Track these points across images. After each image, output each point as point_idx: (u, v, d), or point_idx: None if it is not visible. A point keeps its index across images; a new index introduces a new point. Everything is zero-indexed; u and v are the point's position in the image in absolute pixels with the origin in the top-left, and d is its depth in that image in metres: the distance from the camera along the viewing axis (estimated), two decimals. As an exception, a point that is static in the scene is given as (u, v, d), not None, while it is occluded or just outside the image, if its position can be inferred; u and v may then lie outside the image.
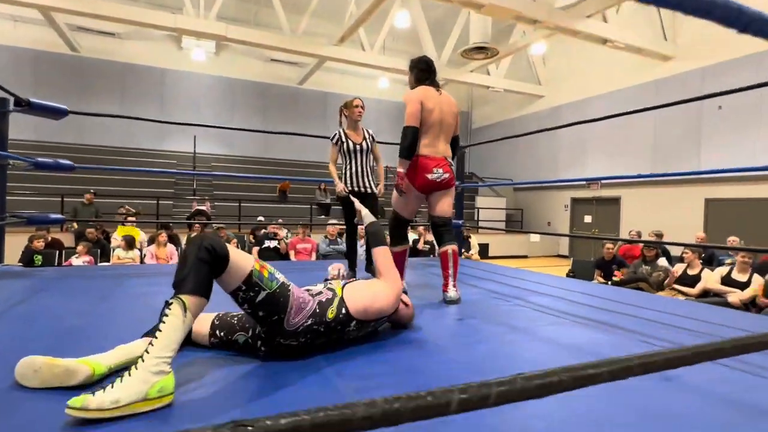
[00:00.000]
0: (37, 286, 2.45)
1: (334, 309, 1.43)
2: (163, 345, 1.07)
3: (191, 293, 1.13)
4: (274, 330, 1.33)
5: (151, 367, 1.03)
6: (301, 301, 1.36)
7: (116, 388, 0.99)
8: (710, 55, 9.36)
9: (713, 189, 9.22)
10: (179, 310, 1.10)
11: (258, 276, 1.26)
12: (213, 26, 9.66)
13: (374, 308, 1.54)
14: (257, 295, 1.26)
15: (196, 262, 1.16)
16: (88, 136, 12.11)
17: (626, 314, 2.21)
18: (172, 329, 1.09)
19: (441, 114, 2.53)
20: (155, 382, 1.03)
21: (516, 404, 0.59)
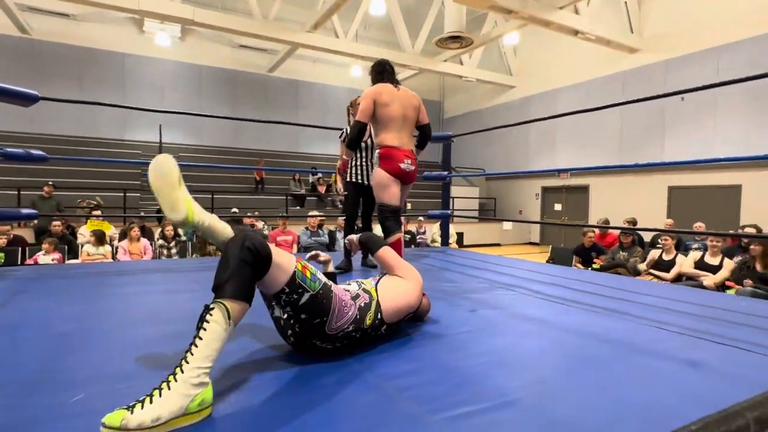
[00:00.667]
0: (12, 287, 2.27)
1: (371, 315, 1.39)
2: (204, 355, 0.98)
3: (234, 298, 1.04)
4: (313, 332, 1.26)
5: (192, 379, 0.95)
6: (343, 305, 1.30)
7: (155, 403, 0.90)
8: (673, 48, 9.74)
9: (676, 177, 9.66)
10: (222, 317, 1.01)
11: (301, 277, 1.19)
12: (179, 9, 9.18)
13: (404, 309, 1.52)
14: (301, 297, 1.19)
15: (239, 263, 1.06)
16: (42, 124, 11.37)
17: (626, 300, 2.27)
18: (214, 338, 0.99)
19: (402, 108, 2.69)
20: (195, 395, 0.95)
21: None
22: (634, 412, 1.04)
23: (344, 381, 1.19)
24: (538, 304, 2.18)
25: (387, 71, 2.79)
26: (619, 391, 1.15)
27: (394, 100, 2.66)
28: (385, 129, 2.67)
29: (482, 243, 12.72)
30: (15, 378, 1.15)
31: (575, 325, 1.77)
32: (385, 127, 2.66)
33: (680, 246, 6.27)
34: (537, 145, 13.27)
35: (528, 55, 13.64)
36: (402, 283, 1.59)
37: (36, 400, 1.04)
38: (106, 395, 1.08)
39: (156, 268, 3.13)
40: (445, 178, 4.46)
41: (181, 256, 5.89)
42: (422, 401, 1.08)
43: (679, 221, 8.40)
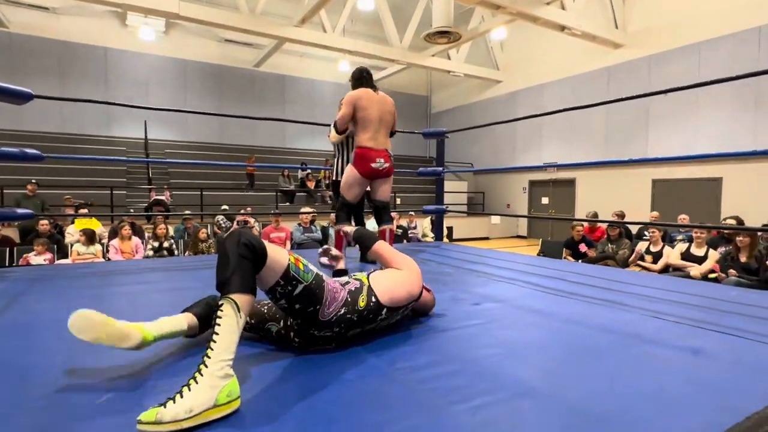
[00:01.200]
0: (13, 289, 2.25)
1: (364, 297, 1.42)
2: (224, 347, 1.03)
3: (240, 291, 1.09)
4: (308, 322, 1.31)
5: (217, 371, 0.99)
6: (335, 291, 1.35)
7: (186, 397, 0.94)
8: (656, 43, 9.93)
9: (659, 170, 9.88)
10: (232, 310, 1.07)
11: (295, 269, 1.24)
12: (164, 3, 9.01)
13: (402, 294, 1.54)
14: (295, 288, 1.23)
15: (239, 259, 1.11)
16: (24, 121, 11.08)
17: (621, 291, 2.35)
18: (229, 331, 1.05)
19: (380, 112, 2.91)
20: (223, 386, 0.99)
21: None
22: (645, 398, 1.10)
23: (366, 375, 1.23)
24: (538, 296, 2.24)
25: (365, 77, 3.01)
26: (629, 379, 1.21)
27: (372, 104, 2.88)
28: (364, 130, 2.88)
29: (471, 237, 12.85)
30: (43, 380, 1.16)
31: (577, 317, 1.84)
32: (364, 129, 2.87)
33: (665, 238, 6.45)
34: (524, 140, 13.42)
35: (515, 50, 13.76)
36: (395, 272, 1.62)
37: (66, 400, 1.06)
38: (132, 394, 1.10)
39: (154, 266, 3.12)
40: (440, 174, 4.50)
41: (171, 254, 5.85)
42: (443, 392, 1.13)
43: (663, 213, 8.62)
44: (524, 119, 3.67)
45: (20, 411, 1.00)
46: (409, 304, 1.59)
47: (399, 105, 12.32)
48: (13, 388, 1.11)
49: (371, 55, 11.99)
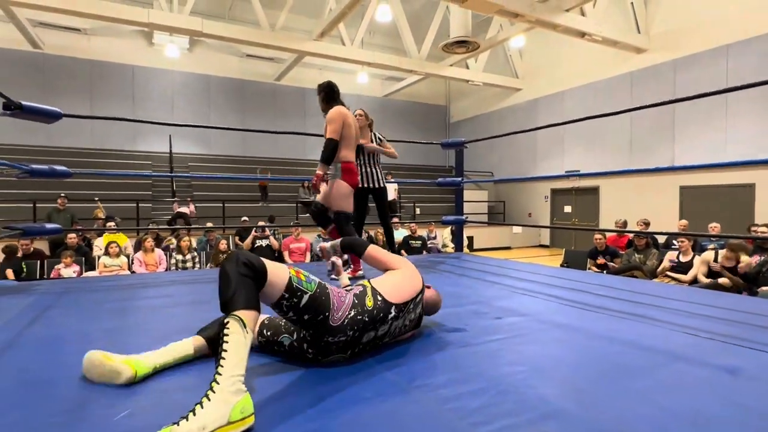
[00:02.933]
0: (42, 302, 2.30)
1: (370, 297, 1.42)
2: (234, 363, 1.03)
3: (244, 308, 1.11)
4: (321, 330, 1.30)
5: (229, 387, 0.99)
6: (340, 296, 1.36)
7: (199, 414, 0.93)
8: (681, 46, 9.70)
9: (688, 177, 9.57)
10: (238, 327, 1.07)
11: (297, 281, 1.25)
12: (188, 21, 9.32)
13: (406, 288, 1.53)
14: (300, 300, 1.24)
15: (240, 278, 1.14)
16: (57, 137, 11.52)
17: (650, 305, 2.25)
18: (237, 346, 1.05)
19: (356, 129, 3.05)
20: (236, 402, 0.98)
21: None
22: (680, 421, 1.04)
23: (384, 393, 1.19)
24: (563, 310, 2.17)
25: (337, 93, 3.11)
26: (661, 400, 1.15)
27: (352, 121, 3.02)
28: (347, 146, 2.96)
29: (492, 246, 12.68)
30: (64, 394, 1.17)
31: (605, 332, 1.77)
32: (347, 145, 2.96)
33: (696, 247, 6.22)
34: (545, 147, 13.23)
35: (534, 57, 13.64)
36: (395, 271, 1.63)
37: (85, 416, 1.06)
38: (151, 410, 1.09)
39: (177, 280, 3.16)
40: (459, 184, 4.46)
41: (194, 267, 5.94)
42: (465, 413, 1.09)
43: (692, 221, 8.32)
44: (544, 128, 3.60)
45: (40, 425, 1.01)
46: (416, 298, 1.57)
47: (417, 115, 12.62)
48: (34, 403, 1.12)
49: (389, 66, 12.07)
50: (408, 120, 16.44)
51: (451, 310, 2.13)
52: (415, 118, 16.54)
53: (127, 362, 1.22)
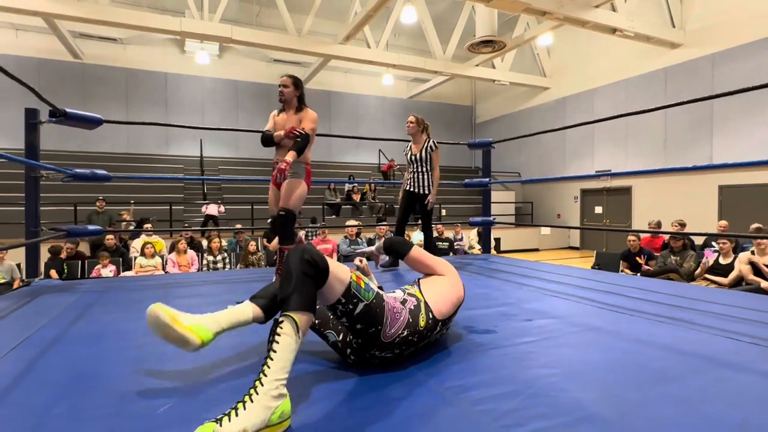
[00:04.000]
0: (84, 300, 2.41)
1: (423, 316, 1.40)
2: (279, 367, 1.03)
3: (300, 310, 1.09)
4: (370, 342, 1.29)
5: (271, 391, 0.99)
6: (395, 311, 1.32)
7: (240, 416, 0.95)
8: (719, 40, 9.31)
9: (727, 176, 9.17)
10: (291, 329, 1.06)
11: (356, 287, 1.23)
12: (218, 29, 9.58)
13: (454, 302, 1.53)
14: (356, 307, 1.22)
15: (301, 276, 1.11)
16: (94, 143, 12.04)
17: (688, 308, 2.17)
18: (286, 350, 1.05)
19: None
20: (276, 407, 0.99)
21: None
22: (725, 428, 1.00)
23: (416, 394, 1.20)
24: (595, 312, 2.12)
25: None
26: (705, 408, 1.10)
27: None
28: (310, 149, 2.90)
29: (520, 248, 12.47)
30: (110, 388, 1.23)
31: (641, 335, 1.72)
32: (310, 147, 2.89)
33: (737, 249, 5.95)
34: (574, 147, 12.93)
35: (562, 55, 13.37)
36: (443, 280, 1.61)
37: (130, 409, 1.11)
38: (191, 404, 1.13)
39: (208, 280, 3.25)
40: (486, 185, 4.42)
41: (224, 267, 6.09)
42: (497, 415, 1.08)
43: (732, 222, 7.96)
44: (574, 127, 3.53)
45: (90, 418, 1.06)
46: (457, 311, 1.57)
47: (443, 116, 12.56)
48: (83, 394, 1.18)
49: (415, 68, 12.06)
50: (433, 121, 16.17)
51: (480, 311, 2.11)
52: (440, 119, 16.47)
53: (193, 331, 1.19)
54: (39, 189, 2.95)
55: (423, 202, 3.62)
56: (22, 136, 2.97)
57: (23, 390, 1.22)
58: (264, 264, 6.25)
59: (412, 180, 3.63)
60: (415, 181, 3.62)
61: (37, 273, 3.06)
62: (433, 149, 3.64)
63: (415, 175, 3.63)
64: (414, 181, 3.62)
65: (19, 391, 1.21)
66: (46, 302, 2.37)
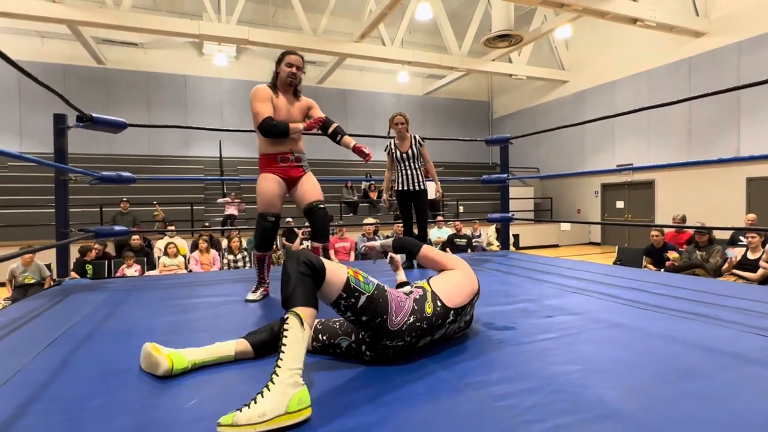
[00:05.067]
0: (113, 299, 2.49)
1: (430, 303, 1.43)
2: (292, 357, 1.09)
3: (303, 305, 1.17)
4: (379, 333, 1.33)
5: (287, 379, 1.05)
6: (399, 300, 1.37)
7: (260, 402, 1.01)
8: (745, 28, 8.99)
9: (755, 168, 8.87)
10: (296, 322, 1.13)
11: (355, 281, 1.29)
12: (235, 30, 9.70)
13: (466, 291, 1.54)
14: (358, 300, 1.28)
15: (299, 276, 1.20)
16: (118, 145, 12.34)
17: (714, 304, 2.13)
18: (295, 341, 1.11)
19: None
20: (293, 394, 1.04)
21: None
22: (754, 427, 0.98)
23: (436, 389, 1.21)
24: (618, 309, 2.09)
25: None
26: (732, 405, 1.09)
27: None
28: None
29: (540, 245, 12.32)
30: (138, 383, 1.27)
31: (665, 332, 1.69)
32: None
33: (766, 243, 5.76)
34: (594, 141, 12.69)
35: (581, 47, 13.11)
36: (453, 272, 1.63)
37: (158, 403, 1.15)
38: (217, 399, 1.17)
39: (229, 278, 3.32)
40: (504, 181, 4.38)
41: (244, 266, 6.19)
42: (518, 411, 1.08)
43: (762, 215, 7.71)
44: (594, 121, 3.47)
45: (120, 411, 1.10)
46: (473, 300, 1.58)
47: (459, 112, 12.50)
48: (114, 389, 1.23)
49: (431, 65, 12.00)
50: (450, 117, 16.28)
51: (500, 308, 2.11)
52: (457, 116, 16.36)
53: (167, 356, 1.31)
54: (68, 192, 3.05)
55: (420, 197, 3.58)
56: (50, 141, 3.08)
57: (59, 385, 1.27)
58: (283, 262, 6.33)
59: (404, 178, 3.58)
60: (408, 179, 3.57)
61: (67, 272, 3.17)
62: (421, 144, 3.61)
63: (407, 172, 3.57)
64: (407, 179, 3.58)
65: (56, 386, 1.27)
66: (77, 301, 2.46)
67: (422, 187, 3.58)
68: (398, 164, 3.62)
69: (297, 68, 2.59)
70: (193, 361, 1.34)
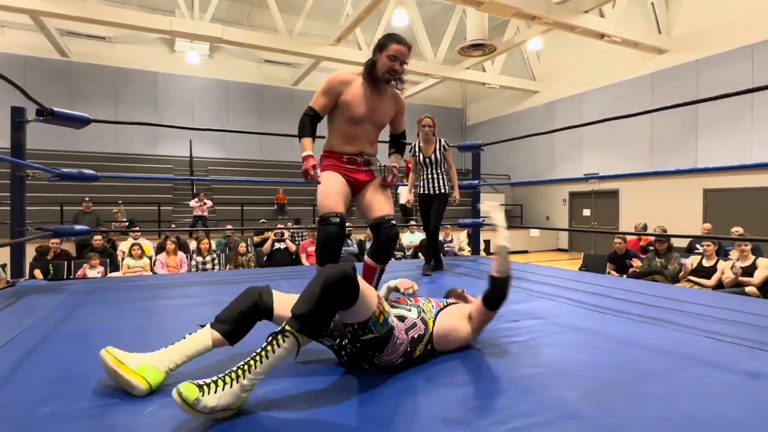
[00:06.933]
0: (71, 301, 2.39)
1: (422, 347, 1.41)
2: (263, 370, 1.07)
3: (310, 335, 1.12)
4: (363, 358, 1.31)
5: (246, 385, 1.05)
6: (398, 343, 1.31)
7: (218, 394, 1.01)
8: (704, 47, 9.50)
9: (711, 179, 9.35)
10: (292, 347, 1.09)
11: (374, 321, 1.23)
12: (208, 28, 9.53)
13: (458, 344, 1.53)
14: (365, 335, 1.25)
15: (328, 302, 1.11)
16: (81, 142, 11.87)
17: (671, 309, 2.22)
18: (277, 360, 1.08)
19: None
20: (244, 398, 1.06)
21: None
22: (702, 425, 1.03)
23: (404, 392, 1.21)
24: (581, 313, 2.16)
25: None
26: (685, 405, 1.14)
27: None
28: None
29: (509, 251, 12.54)
30: (99, 386, 1.22)
31: (625, 336, 1.75)
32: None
33: (720, 251, 6.07)
34: (563, 150, 13.08)
35: (552, 59, 13.52)
36: (464, 322, 1.55)
37: (117, 408, 1.10)
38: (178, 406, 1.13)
39: (197, 281, 3.24)
40: (476, 187, 4.45)
41: (213, 268, 6.05)
42: (483, 412, 1.10)
43: (716, 225, 8.12)
44: (563, 130, 3.58)
45: (75, 417, 1.06)
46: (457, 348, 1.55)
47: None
48: (70, 394, 1.18)
49: (406, 70, 12.08)
50: (424, 123, 16.44)
51: (468, 312, 2.13)
52: (431, 122, 16.53)
53: (140, 375, 1.16)
54: (25, 188, 2.91)
55: (441, 201, 3.52)
56: (7, 135, 2.94)
57: (9, 390, 1.21)
58: (254, 265, 6.23)
59: (426, 182, 3.53)
60: (430, 183, 3.52)
61: (22, 273, 3.01)
62: (446, 149, 3.55)
63: (430, 177, 3.52)
64: (428, 183, 3.53)
65: (6, 391, 1.20)
66: (32, 303, 2.34)
67: (442, 190, 3.53)
68: (421, 168, 3.57)
69: (401, 62, 2.19)
70: (168, 368, 1.21)
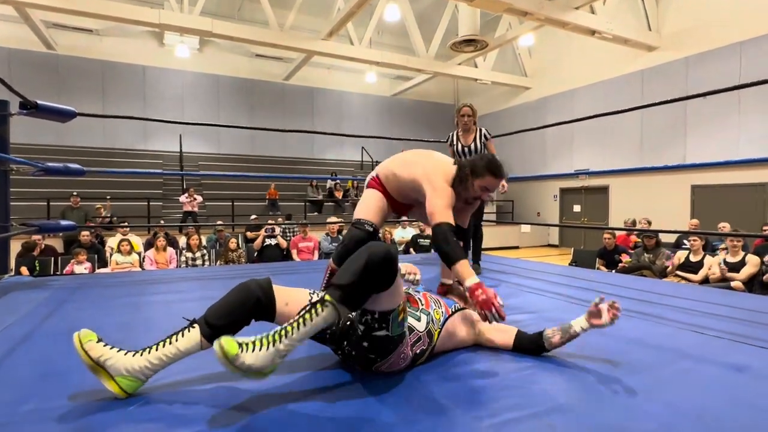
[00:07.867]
0: (57, 297, 2.36)
1: (421, 360, 1.38)
2: (300, 336, 1.06)
3: (348, 307, 1.10)
4: (361, 362, 1.27)
5: (282, 350, 1.05)
6: (401, 358, 1.27)
7: (255, 353, 1.01)
8: (694, 44, 9.57)
9: (699, 176, 9.45)
10: (331, 317, 1.07)
11: (394, 316, 1.18)
12: (198, 22, 9.40)
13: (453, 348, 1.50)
14: (379, 330, 1.18)
15: (370, 277, 1.09)
16: (69, 136, 11.68)
17: (659, 303, 2.25)
18: (314, 328, 1.07)
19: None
20: (278, 363, 1.06)
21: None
22: (686, 418, 1.04)
23: (390, 386, 1.21)
24: (570, 308, 2.18)
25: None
26: (668, 397, 1.15)
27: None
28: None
29: (500, 246, 12.62)
30: (83, 384, 1.20)
31: (613, 330, 1.74)
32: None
33: (707, 247, 6.15)
34: (554, 146, 13.15)
35: (543, 55, 13.56)
36: (467, 330, 1.54)
37: (102, 406, 1.09)
38: (163, 402, 1.12)
39: (187, 276, 3.22)
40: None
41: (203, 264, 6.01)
42: (470, 407, 1.10)
43: (703, 221, 8.22)
44: (554, 126, 3.60)
45: (57, 414, 1.04)
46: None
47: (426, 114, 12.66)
48: (53, 392, 1.16)
49: (398, 66, 12.07)
50: (417, 119, 16.42)
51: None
52: (423, 117, 16.52)
53: (116, 387, 1.10)
54: (9, 183, 2.86)
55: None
56: (-10, 129, 2.87)
57: (-9, 388, 1.19)
58: (244, 261, 6.19)
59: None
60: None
61: (6, 269, 2.96)
62: (488, 138, 3.28)
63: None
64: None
65: (-13, 388, 1.18)
66: (16, 299, 2.31)
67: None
68: (457, 158, 3.12)
69: (487, 190, 2.06)
70: (150, 375, 1.14)
